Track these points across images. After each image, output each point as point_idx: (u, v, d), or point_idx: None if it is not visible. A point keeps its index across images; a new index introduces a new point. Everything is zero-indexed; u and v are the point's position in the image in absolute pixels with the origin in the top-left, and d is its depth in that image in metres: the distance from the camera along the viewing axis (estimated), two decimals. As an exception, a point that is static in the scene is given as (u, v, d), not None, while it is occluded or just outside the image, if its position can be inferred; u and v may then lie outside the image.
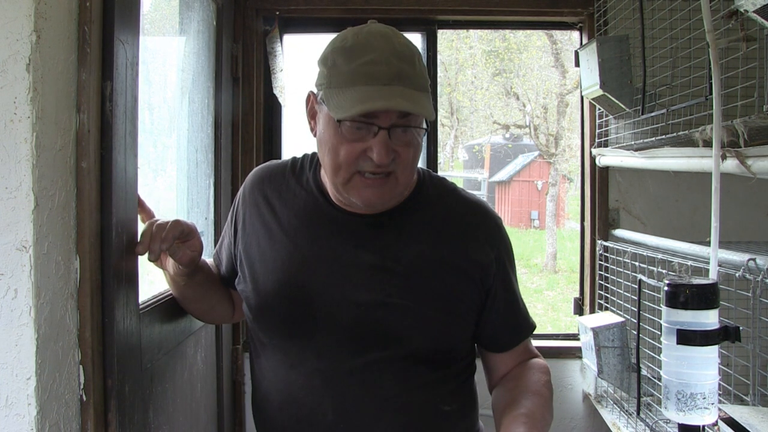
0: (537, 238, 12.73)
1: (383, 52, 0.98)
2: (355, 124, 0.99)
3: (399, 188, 1.06)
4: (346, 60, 0.99)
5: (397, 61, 0.98)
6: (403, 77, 0.98)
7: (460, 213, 1.16)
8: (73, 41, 0.97)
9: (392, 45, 0.99)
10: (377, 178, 1.02)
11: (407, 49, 1.01)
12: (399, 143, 1.01)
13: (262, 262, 1.13)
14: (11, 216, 0.86)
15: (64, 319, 0.94)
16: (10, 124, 0.86)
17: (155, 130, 1.66)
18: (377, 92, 0.97)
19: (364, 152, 1.00)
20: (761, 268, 1.25)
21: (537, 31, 8.42)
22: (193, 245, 1.14)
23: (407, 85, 0.98)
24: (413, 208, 1.13)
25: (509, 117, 11.46)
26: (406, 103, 0.97)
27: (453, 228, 1.13)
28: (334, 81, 1.00)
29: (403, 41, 1.02)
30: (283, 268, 1.11)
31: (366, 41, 1.00)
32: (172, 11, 1.78)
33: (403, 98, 0.97)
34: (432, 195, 1.16)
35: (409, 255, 1.09)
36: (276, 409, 1.13)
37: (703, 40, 1.44)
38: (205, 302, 1.29)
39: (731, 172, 1.34)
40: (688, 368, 1.16)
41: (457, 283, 1.11)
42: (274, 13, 2.20)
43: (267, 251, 1.13)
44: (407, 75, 0.99)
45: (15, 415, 0.87)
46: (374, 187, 1.03)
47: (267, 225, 1.15)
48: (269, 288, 1.11)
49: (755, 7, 1.10)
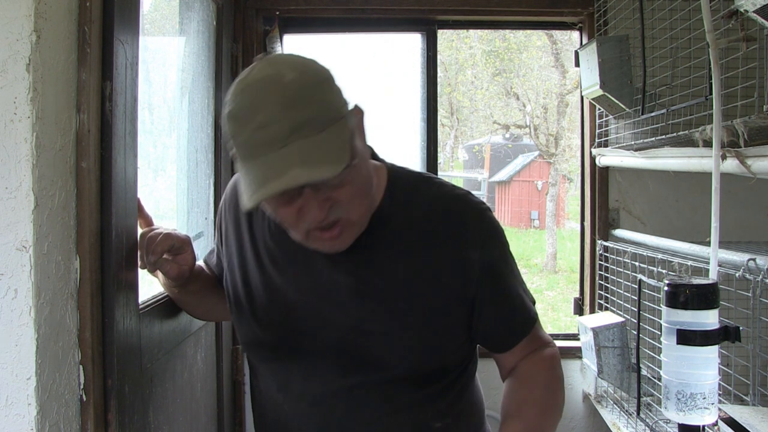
0: (537, 238, 12.73)
1: (272, 107, 0.85)
2: None
3: (357, 226, 0.98)
4: (238, 129, 0.88)
5: (288, 111, 0.85)
6: (300, 127, 0.85)
7: (434, 217, 1.05)
8: (73, 41, 0.97)
9: (280, 91, 0.86)
10: (330, 230, 0.94)
11: (298, 87, 0.87)
12: (331, 188, 0.90)
13: (243, 282, 1.11)
14: (11, 216, 0.86)
15: (64, 319, 0.94)
16: (10, 124, 0.86)
17: (155, 130, 1.66)
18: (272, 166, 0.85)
19: (299, 211, 0.92)
20: (761, 268, 1.25)
21: (537, 31, 8.42)
22: (184, 259, 1.12)
23: (308, 133, 0.85)
24: (385, 222, 1.04)
25: (509, 117, 11.46)
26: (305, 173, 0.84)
27: (428, 236, 1.04)
28: (236, 152, 0.91)
29: (292, 78, 0.87)
30: (264, 293, 1.08)
31: (251, 100, 0.87)
32: (172, 11, 1.78)
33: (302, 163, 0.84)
34: (405, 200, 1.06)
35: (383, 276, 1.03)
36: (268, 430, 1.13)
37: (703, 40, 1.44)
38: (202, 306, 1.29)
39: (731, 172, 1.34)
40: (688, 368, 1.16)
41: (436, 298, 1.03)
42: (274, 13, 2.20)
43: (248, 272, 1.11)
44: (305, 121, 0.86)
45: (15, 415, 0.87)
46: (330, 240, 0.96)
47: (244, 245, 1.12)
48: (252, 313, 1.09)
49: (755, 7, 1.10)
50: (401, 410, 1.04)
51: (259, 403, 1.15)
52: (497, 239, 1.07)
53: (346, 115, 0.92)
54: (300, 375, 1.06)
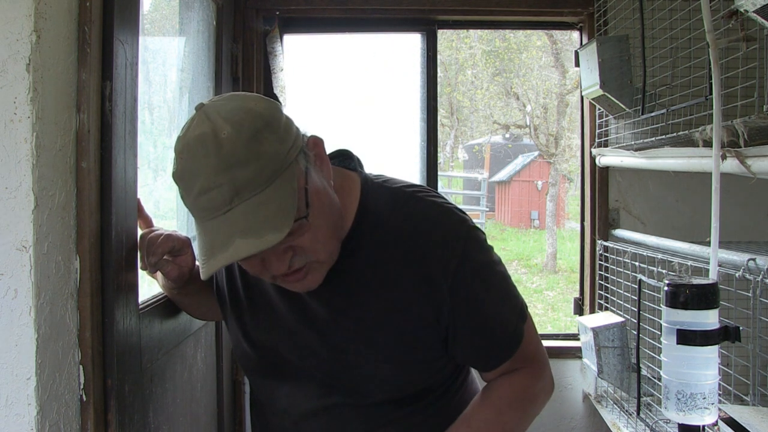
0: (537, 238, 12.72)
1: (209, 170, 0.83)
2: None
3: (324, 266, 0.96)
4: (183, 193, 0.88)
5: (227, 173, 0.83)
6: (241, 189, 0.83)
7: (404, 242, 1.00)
8: (73, 41, 0.97)
9: (216, 151, 0.83)
10: (296, 274, 0.93)
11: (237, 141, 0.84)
12: (290, 238, 0.87)
13: (231, 301, 1.13)
14: (11, 216, 0.86)
15: (64, 319, 0.94)
16: (10, 124, 0.86)
17: (155, 130, 1.66)
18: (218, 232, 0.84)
19: (262, 262, 0.91)
20: (761, 268, 1.25)
21: (537, 31, 8.42)
22: (184, 261, 1.13)
23: (249, 194, 0.83)
24: (358, 245, 1.01)
25: (509, 117, 11.46)
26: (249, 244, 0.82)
27: (398, 263, 0.99)
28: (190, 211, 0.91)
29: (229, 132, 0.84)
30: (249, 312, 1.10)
31: (191, 164, 0.85)
32: (172, 11, 1.78)
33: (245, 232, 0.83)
34: (378, 217, 1.02)
35: (357, 305, 1.01)
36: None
37: (703, 40, 1.44)
38: (201, 307, 1.29)
39: (731, 172, 1.34)
40: (688, 368, 1.16)
41: (410, 327, 1.00)
42: (274, 13, 2.20)
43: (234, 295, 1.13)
44: (245, 181, 0.83)
45: (15, 415, 0.87)
46: (298, 281, 0.95)
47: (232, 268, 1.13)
48: (241, 330, 1.12)
49: (755, 7, 1.10)
50: (385, 426, 1.05)
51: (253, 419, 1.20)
52: (471, 260, 1.00)
53: (291, 162, 0.87)
54: (284, 392, 1.08)
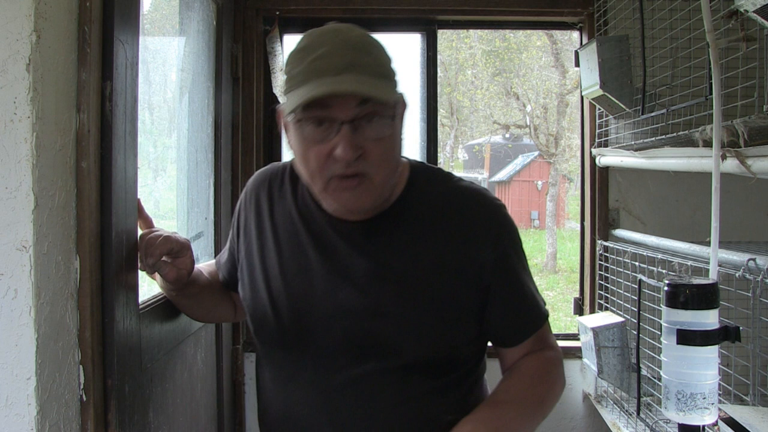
0: (537, 238, 12.73)
1: (334, 44, 0.94)
2: (315, 120, 0.95)
3: (376, 190, 1.00)
4: (298, 61, 0.96)
5: (349, 51, 0.94)
6: (356, 65, 0.93)
7: (455, 208, 1.09)
8: (73, 41, 0.97)
9: (345, 37, 0.96)
10: (350, 180, 0.97)
11: (363, 40, 0.97)
12: (366, 139, 0.95)
13: (261, 269, 1.12)
14: (11, 216, 0.86)
15: (64, 319, 0.94)
16: (10, 124, 0.86)
17: (155, 130, 1.66)
18: (326, 82, 0.92)
19: (331, 153, 0.95)
20: (761, 268, 1.25)
21: (537, 31, 8.42)
22: (182, 263, 1.13)
23: (361, 72, 0.93)
24: (405, 209, 1.08)
25: (509, 117, 11.47)
26: (356, 86, 0.92)
27: (448, 225, 1.07)
28: (290, 84, 0.97)
29: (359, 33, 0.98)
30: (279, 277, 1.09)
31: (317, 39, 0.96)
32: (172, 11, 1.78)
33: (356, 83, 0.92)
34: (425, 191, 1.10)
35: (402, 260, 1.05)
36: (276, 422, 1.11)
37: (703, 40, 1.44)
38: (201, 308, 1.29)
39: (731, 172, 1.34)
40: (688, 368, 1.16)
41: (453, 286, 1.06)
42: (274, 13, 2.20)
43: (264, 259, 1.12)
44: (361, 63, 0.94)
45: (15, 415, 0.87)
46: (349, 190, 0.98)
47: (264, 231, 1.13)
48: (265, 297, 1.10)
49: (755, 7, 1.10)
50: (412, 400, 1.05)
51: (266, 394, 1.14)
52: (511, 235, 1.11)
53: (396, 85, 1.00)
54: (309, 364, 1.06)
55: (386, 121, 0.97)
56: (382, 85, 0.96)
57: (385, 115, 0.97)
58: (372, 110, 0.95)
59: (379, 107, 0.95)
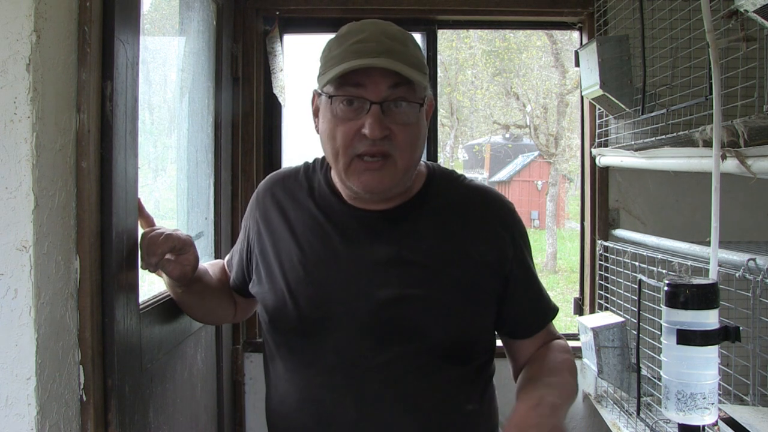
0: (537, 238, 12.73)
1: (373, 32, 1.01)
2: (346, 99, 1.00)
3: (398, 173, 1.04)
4: (338, 45, 1.03)
5: (387, 39, 1.00)
6: (393, 52, 0.99)
7: (471, 201, 1.15)
8: (73, 41, 0.97)
9: (383, 28, 1.03)
10: (375, 161, 1.02)
11: (400, 33, 1.04)
12: (394, 122, 1.01)
13: (278, 263, 1.13)
14: (11, 216, 0.86)
15: (64, 319, 0.94)
16: (10, 124, 0.86)
17: (155, 130, 1.66)
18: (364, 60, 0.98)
19: (359, 131, 1.00)
20: (761, 268, 1.25)
21: (537, 31, 8.42)
22: (186, 260, 1.13)
23: (397, 59, 0.99)
24: (425, 201, 1.13)
25: (509, 117, 11.47)
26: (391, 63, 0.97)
27: (466, 217, 1.13)
28: (326, 65, 1.03)
29: (397, 28, 1.05)
30: (300, 267, 1.10)
31: (357, 27, 1.04)
32: (172, 11, 1.78)
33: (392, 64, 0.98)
34: (442, 187, 1.16)
35: (425, 246, 1.09)
36: (295, 410, 1.11)
37: (703, 40, 1.44)
38: (203, 308, 1.29)
39: (731, 172, 1.34)
40: (688, 368, 1.16)
41: (475, 271, 1.10)
42: (274, 13, 2.20)
43: (282, 252, 1.13)
44: (398, 51, 1.00)
45: (15, 415, 0.87)
46: (372, 171, 1.02)
47: (281, 227, 1.14)
48: (286, 287, 1.10)
49: (755, 7, 1.10)
50: (437, 386, 1.07)
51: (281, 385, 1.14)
52: (524, 234, 1.20)
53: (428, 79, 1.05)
54: (332, 350, 1.07)
55: (414, 108, 1.03)
56: (415, 72, 1.01)
57: (414, 102, 1.03)
58: (402, 95, 1.01)
59: (409, 94, 1.01)
